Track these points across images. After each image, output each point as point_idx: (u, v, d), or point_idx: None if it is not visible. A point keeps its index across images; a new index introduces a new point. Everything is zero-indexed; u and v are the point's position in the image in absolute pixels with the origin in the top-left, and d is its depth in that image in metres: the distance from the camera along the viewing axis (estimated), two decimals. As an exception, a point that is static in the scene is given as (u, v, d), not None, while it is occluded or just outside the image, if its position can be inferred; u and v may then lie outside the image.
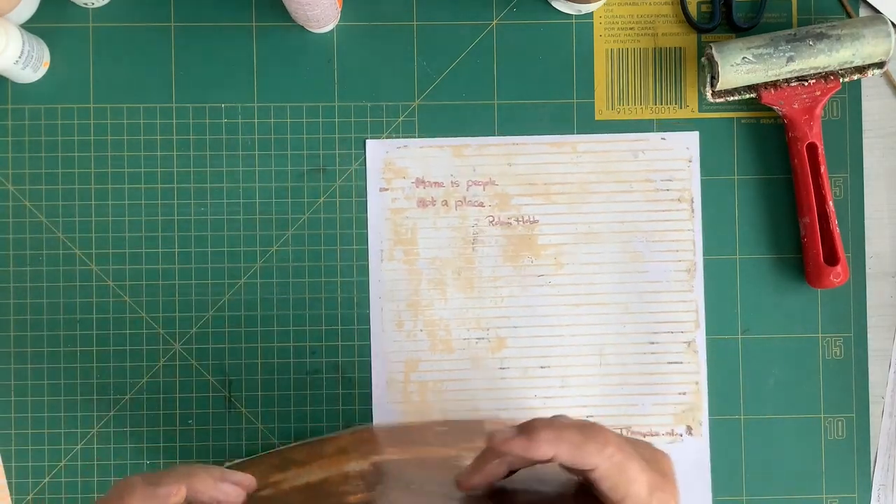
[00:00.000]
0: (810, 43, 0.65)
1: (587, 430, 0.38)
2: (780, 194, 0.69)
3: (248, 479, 0.43)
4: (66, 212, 0.67)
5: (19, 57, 0.63)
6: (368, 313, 0.68)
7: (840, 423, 0.69)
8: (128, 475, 0.43)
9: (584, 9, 0.68)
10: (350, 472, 0.45)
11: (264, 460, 0.55)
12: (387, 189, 0.68)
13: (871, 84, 0.70)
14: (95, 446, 0.67)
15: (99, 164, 0.67)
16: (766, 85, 0.67)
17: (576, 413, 0.68)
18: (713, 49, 0.66)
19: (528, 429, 0.38)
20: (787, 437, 0.68)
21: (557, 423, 0.38)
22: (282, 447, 0.57)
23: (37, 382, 0.67)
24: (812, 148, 0.67)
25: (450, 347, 0.68)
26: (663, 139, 0.69)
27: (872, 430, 0.69)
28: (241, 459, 0.57)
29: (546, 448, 0.37)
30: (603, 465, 0.37)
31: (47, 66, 0.67)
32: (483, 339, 0.68)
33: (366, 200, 0.68)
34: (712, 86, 0.67)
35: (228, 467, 0.56)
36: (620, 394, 0.68)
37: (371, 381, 0.67)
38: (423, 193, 0.68)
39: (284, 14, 0.68)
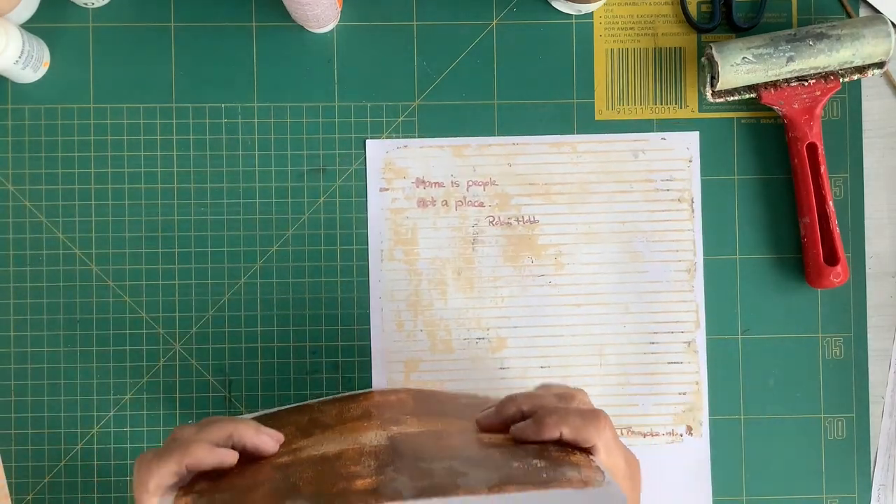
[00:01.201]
0: (810, 43, 0.65)
1: (587, 415, 0.47)
2: (780, 194, 0.69)
3: (278, 436, 0.49)
4: (66, 212, 0.67)
5: (19, 57, 0.63)
6: (368, 313, 0.68)
7: (840, 422, 0.69)
8: (178, 426, 0.47)
9: (584, 9, 0.68)
10: (366, 446, 0.47)
11: (292, 416, 0.55)
12: (387, 189, 0.68)
13: (871, 84, 0.70)
14: (95, 446, 0.67)
15: (99, 164, 0.67)
16: (766, 85, 0.67)
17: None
18: (713, 49, 0.66)
19: (537, 420, 0.47)
20: (787, 437, 0.68)
21: (562, 410, 0.47)
22: (311, 401, 0.57)
23: (37, 382, 0.67)
24: (812, 148, 0.67)
25: (450, 347, 0.68)
26: (663, 139, 0.69)
27: (872, 430, 0.69)
28: (271, 410, 0.57)
29: (553, 431, 0.47)
30: (599, 443, 0.47)
31: (47, 66, 0.67)
32: (483, 339, 0.68)
33: (366, 200, 0.68)
34: (712, 86, 0.67)
35: (256, 417, 0.56)
36: (620, 394, 0.68)
37: (371, 381, 0.67)
38: (423, 193, 0.68)
39: (284, 14, 0.68)
